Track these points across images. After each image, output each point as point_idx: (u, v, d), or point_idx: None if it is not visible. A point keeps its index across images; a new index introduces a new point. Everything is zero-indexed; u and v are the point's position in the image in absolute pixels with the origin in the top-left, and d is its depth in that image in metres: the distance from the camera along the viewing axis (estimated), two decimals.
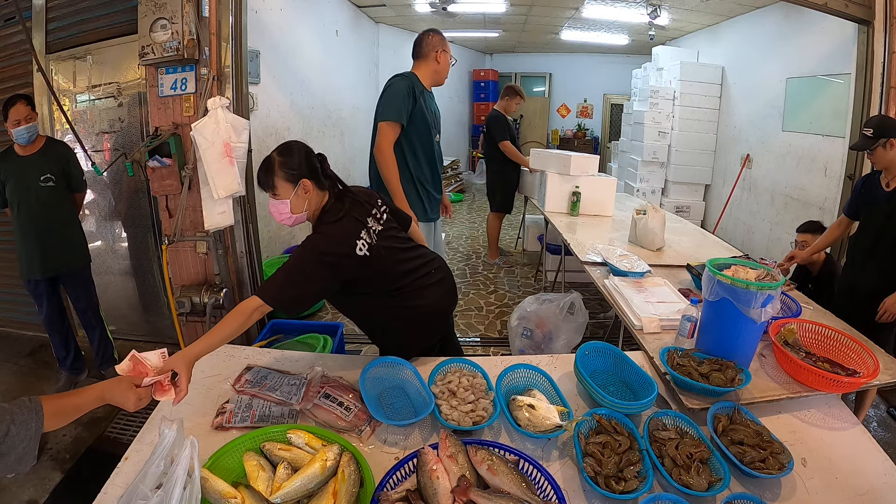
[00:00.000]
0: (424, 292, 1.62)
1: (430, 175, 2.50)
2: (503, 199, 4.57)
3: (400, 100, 2.28)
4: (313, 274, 1.37)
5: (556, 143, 9.78)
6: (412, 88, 2.31)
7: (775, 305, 1.40)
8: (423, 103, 2.37)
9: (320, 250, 1.39)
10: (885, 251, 2.17)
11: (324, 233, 1.44)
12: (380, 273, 1.51)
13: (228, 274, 2.86)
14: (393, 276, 1.55)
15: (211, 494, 1.00)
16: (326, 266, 1.38)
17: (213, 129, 2.46)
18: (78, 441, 2.38)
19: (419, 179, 2.47)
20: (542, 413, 1.24)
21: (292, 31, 4.21)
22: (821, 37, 3.96)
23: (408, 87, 2.30)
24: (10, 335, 3.41)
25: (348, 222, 1.45)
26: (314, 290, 1.42)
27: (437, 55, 2.40)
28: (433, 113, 2.47)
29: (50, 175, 2.50)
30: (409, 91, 2.30)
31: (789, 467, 1.13)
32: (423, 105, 2.37)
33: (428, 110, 2.40)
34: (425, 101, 2.39)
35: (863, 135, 2.19)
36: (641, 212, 2.89)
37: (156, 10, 2.48)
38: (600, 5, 5.47)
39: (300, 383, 1.42)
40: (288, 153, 1.47)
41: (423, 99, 2.38)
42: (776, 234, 4.68)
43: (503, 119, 4.33)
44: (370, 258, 1.44)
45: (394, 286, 1.56)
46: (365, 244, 1.44)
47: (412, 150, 2.41)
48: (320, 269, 1.37)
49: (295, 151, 1.48)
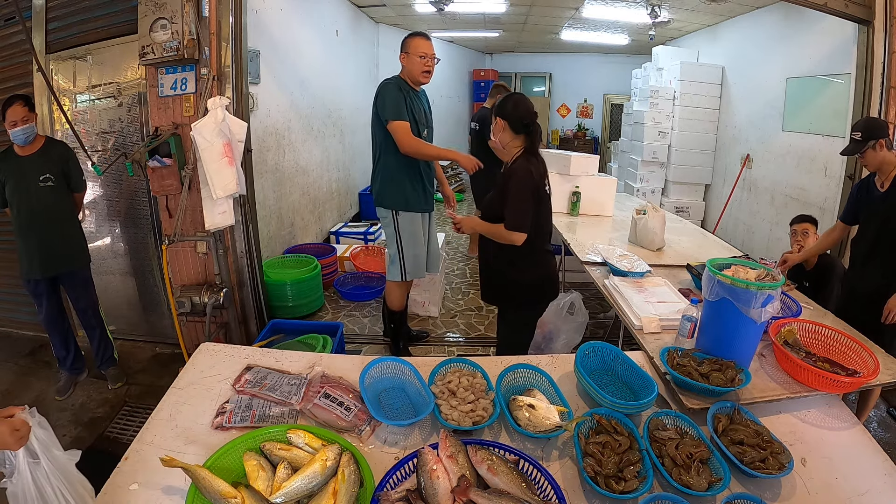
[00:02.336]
0: (549, 257, 2.11)
1: (418, 168, 2.65)
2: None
3: (395, 100, 2.49)
4: (527, 196, 1.89)
5: (556, 143, 9.79)
6: (400, 88, 2.53)
7: (775, 305, 1.40)
8: (410, 102, 2.54)
9: (525, 177, 1.88)
10: (883, 252, 2.17)
11: (523, 167, 1.91)
12: (544, 218, 2.01)
13: (228, 274, 2.86)
14: (544, 229, 2.04)
15: (211, 494, 1.00)
16: (532, 189, 1.89)
17: (212, 129, 2.46)
18: (78, 441, 2.38)
19: (413, 171, 2.64)
20: (542, 413, 1.24)
21: (292, 31, 4.21)
22: (821, 37, 3.96)
23: (397, 88, 2.52)
24: (10, 335, 3.41)
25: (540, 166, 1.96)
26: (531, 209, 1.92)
27: (402, 59, 2.56)
28: (421, 111, 2.63)
29: (49, 175, 2.50)
30: (399, 91, 2.51)
31: (789, 467, 1.13)
32: (411, 104, 2.55)
33: (414, 108, 2.56)
34: (411, 100, 2.55)
35: (852, 139, 2.19)
36: (641, 212, 2.89)
37: (156, 10, 2.48)
38: (600, 5, 5.47)
39: (300, 383, 1.42)
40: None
41: (409, 98, 2.55)
42: (776, 234, 4.68)
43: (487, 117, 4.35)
44: (545, 199, 1.98)
45: (540, 234, 2.02)
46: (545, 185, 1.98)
47: None
48: (528, 192, 1.89)
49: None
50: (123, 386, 2.84)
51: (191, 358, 1.59)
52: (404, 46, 2.55)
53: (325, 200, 5.27)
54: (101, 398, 2.74)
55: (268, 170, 3.88)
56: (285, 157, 4.21)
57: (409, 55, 2.53)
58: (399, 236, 2.72)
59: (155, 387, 2.80)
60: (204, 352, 1.61)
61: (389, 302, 2.95)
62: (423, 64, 2.52)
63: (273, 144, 3.96)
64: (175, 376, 1.48)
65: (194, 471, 1.02)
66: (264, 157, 3.78)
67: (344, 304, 3.94)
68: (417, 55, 2.51)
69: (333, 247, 4.56)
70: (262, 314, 3.14)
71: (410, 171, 2.64)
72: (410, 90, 2.58)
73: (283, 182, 4.20)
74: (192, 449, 1.20)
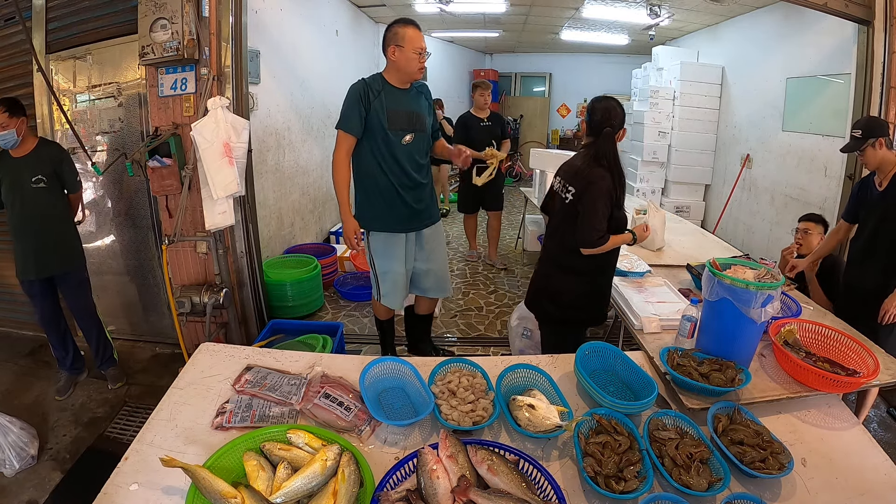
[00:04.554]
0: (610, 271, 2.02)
1: (396, 181, 2.28)
2: (463, 200, 4.62)
3: (348, 108, 2.20)
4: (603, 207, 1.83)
5: (556, 143, 9.78)
6: (362, 93, 2.18)
7: (775, 305, 1.40)
8: (381, 105, 2.19)
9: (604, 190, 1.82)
10: (881, 250, 2.17)
11: (602, 176, 1.83)
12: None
13: (228, 274, 2.86)
14: None
15: (211, 494, 1.00)
16: (608, 200, 1.83)
17: (212, 129, 2.46)
18: (78, 441, 2.38)
19: (383, 187, 2.29)
20: (542, 413, 1.24)
21: (292, 31, 4.21)
22: (821, 37, 3.96)
23: (357, 93, 2.18)
24: (11, 335, 3.41)
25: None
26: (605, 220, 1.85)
27: (392, 52, 2.19)
28: (404, 112, 2.25)
29: (41, 176, 2.47)
30: (358, 97, 2.18)
31: (789, 467, 1.13)
32: (380, 107, 2.19)
33: (389, 110, 2.20)
34: (383, 102, 2.19)
35: (852, 136, 2.20)
36: (641, 212, 2.89)
37: (156, 10, 2.48)
38: (600, 5, 5.47)
39: (300, 383, 1.42)
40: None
41: (382, 100, 2.19)
42: (776, 234, 4.68)
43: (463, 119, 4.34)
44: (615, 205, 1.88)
45: None
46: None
47: (373, 156, 2.27)
48: (605, 203, 1.83)
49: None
50: (123, 386, 2.84)
51: (191, 358, 1.59)
52: (395, 39, 2.16)
53: (325, 200, 5.27)
54: (101, 398, 2.74)
55: (268, 170, 3.88)
56: (285, 157, 4.21)
57: (402, 49, 2.16)
58: (371, 256, 2.43)
59: (155, 387, 2.80)
60: (204, 352, 1.61)
61: (374, 310, 2.72)
62: (420, 60, 2.19)
63: (273, 144, 3.96)
64: (175, 376, 1.48)
65: (194, 471, 1.02)
66: (264, 157, 3.78)
67: (344, 304, 3.94)
68: (414, 50, 2.16)
69: (333, 247, 4.56)
70: (262, 314, 3.14)
71: (381, 185, 2.28)
72: (386, 90, 2.22)
73: (283, 182, 4.20)
74: (192, 449, 1.21)
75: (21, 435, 2.20)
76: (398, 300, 2.48)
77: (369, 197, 2.33)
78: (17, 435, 2.19)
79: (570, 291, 1.97)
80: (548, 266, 2.09)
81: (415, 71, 2.21)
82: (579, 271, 1.94)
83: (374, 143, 2.25)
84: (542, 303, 2.09)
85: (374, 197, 2.32)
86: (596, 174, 1.83)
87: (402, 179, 2.30)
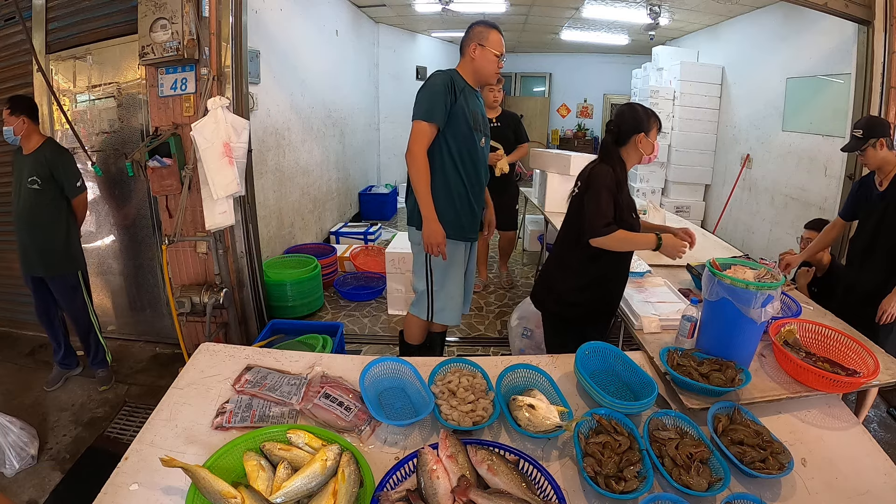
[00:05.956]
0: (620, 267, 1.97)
1: (469, 185, 2.15)
2: None
3: (434, 96, 2.00)
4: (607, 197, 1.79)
5: (556, 143, 9.79)
6: (451, 84, 2.02)
7: (775, 305, 1.40)
8: (465, 102, 2.07)
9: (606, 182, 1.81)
10: (880, 251, 2.17)
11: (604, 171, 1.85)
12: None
13: (228, 274, 2.86)
14: None
15: (211, 494, 1.00)
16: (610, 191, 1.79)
17: (212, 129, 2.46)
18: (78, 441, 2.39)
19: (456, 190, 2.13)
20: (542, 413, 1.24)
21: (292, 31, 4.21)
22: (821, 37, 3.96)
23: (445, 82, 2.01)
24: (11, 335, 3.41)
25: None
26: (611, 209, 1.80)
27: (473, 50, 2.08)
28: (479, 114, 2.16)
29: (35, 178, 2.45)
30: (446, 86, 2.00)
31: (789, 467, 1.13)
32: (465, 104, 2.06)
33: (469, 110, 2.09)
34: (466, 100, 2.08)
35: (853, 136, 2.20)
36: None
37: (156, 10, 2.48)
38: (600, 5, 5.47)
39: (300, 383, 1.42)
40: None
41: (465, 97, 2.07)
42: (776, 234, 4.68)
43: None
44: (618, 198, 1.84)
45: None
46: None
47: (450, 156, 2.09)
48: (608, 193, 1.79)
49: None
50: (111, 389, 2.82)
51: (191, 358, 1.59)
52: (479, 37, 2.08)
53: (325, 200, 5.27)
54: (101, 398, 2.74)
55: (268, 170, 3.89)
56: (285, 157, 4.21)
57: (484, 49, 2.06)
58: (429, 269, 2.19)
59: (155, 387, 2.80)
60: (204, 352, 1.61)
61: (407, 335, 2.43)
62: (498, 64, 2.11)
63: (273, 144, 3.96)
64: (175, 376, 1.48)
65: (194, 471, 1.02)
66: (264, 157, 3.78)
67: (344, 304, 3.94)
68: (495, 52, 2.08)
69: (333, 247, 4.56)
70: (261, 314, 3.14)
71: (453, 188, 2.13)
72: (467, 88, 2.11)
73: (283, 182, 4.20)
74: (192, 449, 1.20)
75: (21, 435, 2.21)
76: (456, 315, 2.30)
77: (437, 200, 2.08)
78: (17, 435, 2.19)
79: (570, 288, 1.96)
80: (551, 260, 2.11)
81: (491, 73, 2.13)
82: (578, 268, 1.93)
83: (455, 141, 2.09)
84: (541, 294, 2.10)
85: (442, 200, 2.11)
86: (601, 168, 1.89)
87: (475, 184, 2.18)
